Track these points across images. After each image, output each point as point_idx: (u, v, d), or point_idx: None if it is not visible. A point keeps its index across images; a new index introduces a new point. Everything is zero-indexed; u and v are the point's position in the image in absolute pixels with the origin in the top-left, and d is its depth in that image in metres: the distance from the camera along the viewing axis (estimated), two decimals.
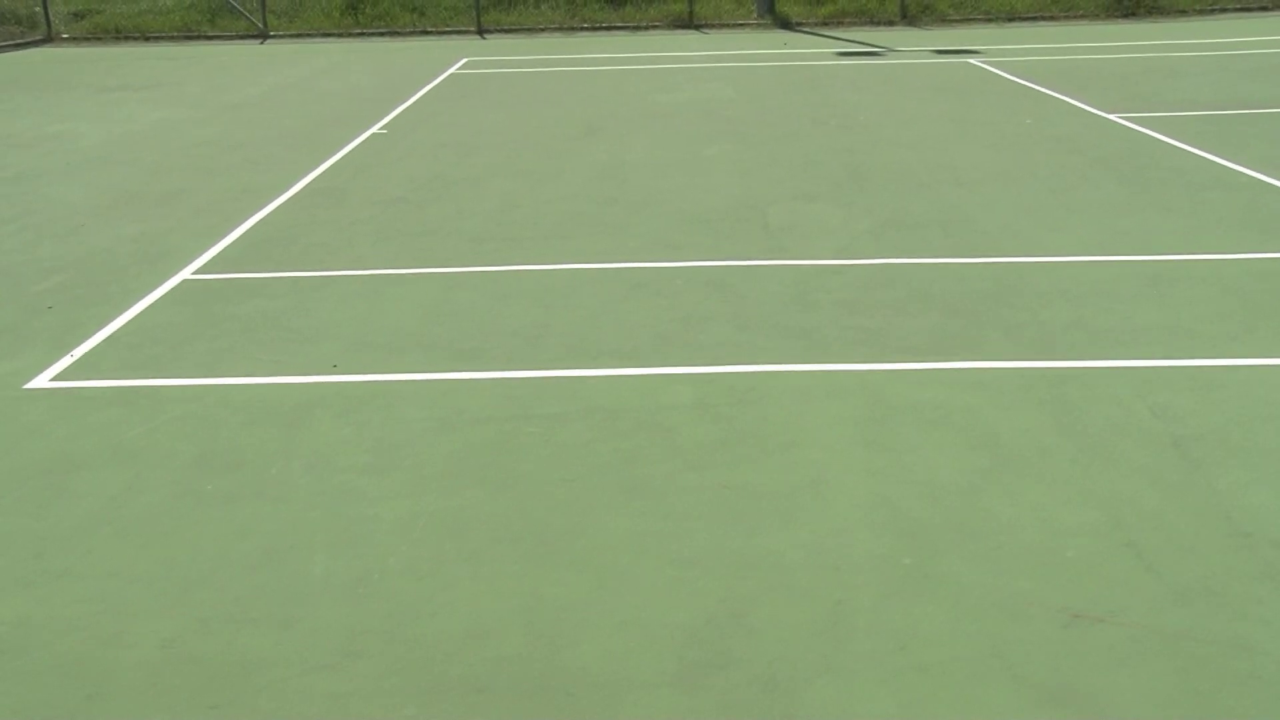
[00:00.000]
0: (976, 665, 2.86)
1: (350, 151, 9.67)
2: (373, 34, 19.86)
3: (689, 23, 19.86)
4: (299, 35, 19.97)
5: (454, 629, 3.06)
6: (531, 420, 4.30)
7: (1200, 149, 8.69)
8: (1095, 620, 3.01)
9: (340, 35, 19.87)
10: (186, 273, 6.27)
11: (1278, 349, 4.80)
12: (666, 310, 5.44)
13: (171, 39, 19.95)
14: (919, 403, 4.36)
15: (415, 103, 12.38)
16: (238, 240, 6.92)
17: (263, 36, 19.86)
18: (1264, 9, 19.35)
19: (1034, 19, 19.31)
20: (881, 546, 3.39)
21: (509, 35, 19.62)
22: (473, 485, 3.83)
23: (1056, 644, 2.93)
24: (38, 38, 20.12)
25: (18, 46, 19.46)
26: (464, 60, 16.23)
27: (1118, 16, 19.25)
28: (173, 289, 6.00)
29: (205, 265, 6.42)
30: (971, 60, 14.72)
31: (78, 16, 20.92)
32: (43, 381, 4.82)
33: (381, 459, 4.03)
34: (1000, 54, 15.20)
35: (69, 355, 5.09)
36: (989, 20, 19.28)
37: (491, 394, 4.56)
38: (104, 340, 5.28)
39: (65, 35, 20.34)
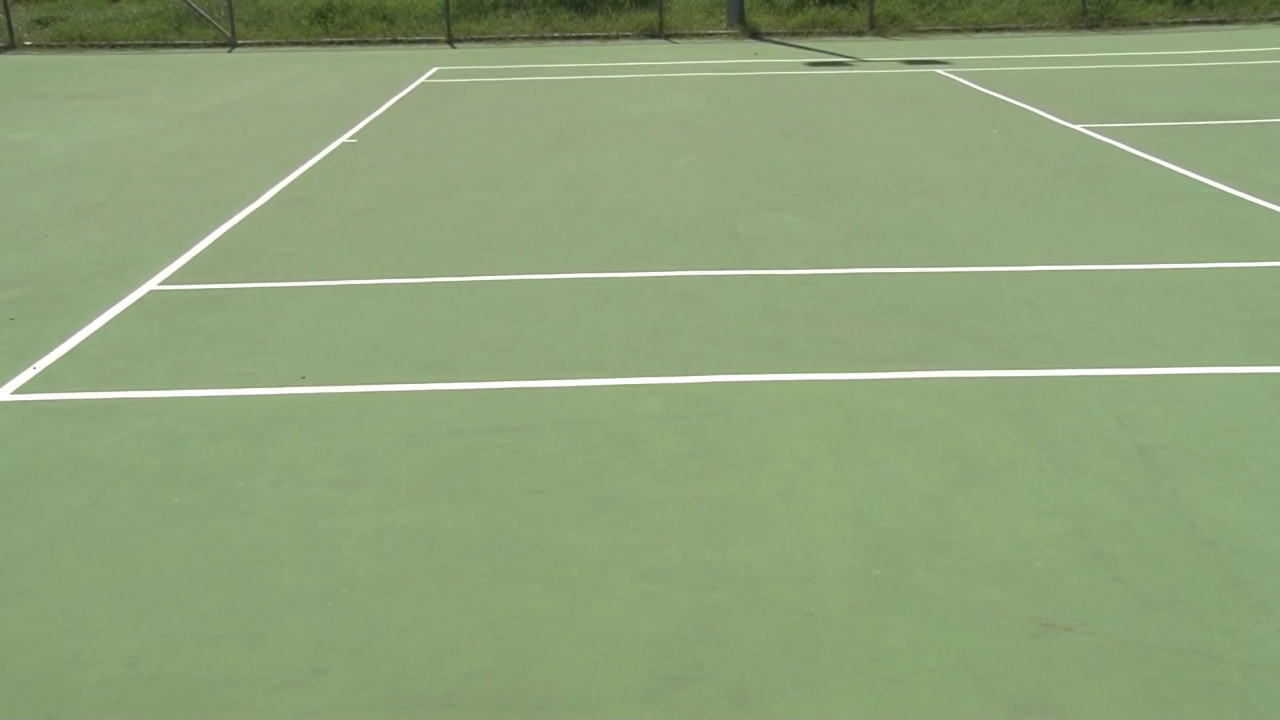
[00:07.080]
0: (946, 676, 2.87)
1: (319, 162, 9.62)
2: (342, 43, 19.77)
3: (659, 32, 19.91)
4: (267, 44, 19.84)
5: (423, 644, 3.04)
6: (501, 432, 4.28)
7: (1164, 159, 8.79)
8: (1063, 630, 3.03)
9: (309, 44, 19.76)
10: (152, 284, 6.21)
11: (1240, 358, 4.86)
12: (636, 321, 5.44)
13: (138, 47, 19.77)
14: (888, 414, 4.38)
15: (385, 112, 12.33)
16: (204, 251, 6.87)
17: (230, 45, 19.73)
18: (1222, 22, 19.62)
19: (1000, 30, 19.49)
20: (851, 558, 3.40)
21: (479, 44, 19.59)
22: (442, 498, 3.81)
23: (1025, 654, 2.94)
24: None
25: None
26: (434, 69, 16.19)
27: (1082, 28, 19.46)
28: (138, 301, 5.94)
29: (171, 277, 6.36)
30: (939, 71, 14.84)
31: (41, 24, 20.68)
32: (4, 395, 4.76)
33: (350, 472, 4.00)
34: (967, 65, 15.32)
35: (31, 368, 5.03)
36: (956, 31, 19.44)
37: (461, 406, 4.54)
38: (67, 353, 5.22)
39: (28, 43, 20.11)
